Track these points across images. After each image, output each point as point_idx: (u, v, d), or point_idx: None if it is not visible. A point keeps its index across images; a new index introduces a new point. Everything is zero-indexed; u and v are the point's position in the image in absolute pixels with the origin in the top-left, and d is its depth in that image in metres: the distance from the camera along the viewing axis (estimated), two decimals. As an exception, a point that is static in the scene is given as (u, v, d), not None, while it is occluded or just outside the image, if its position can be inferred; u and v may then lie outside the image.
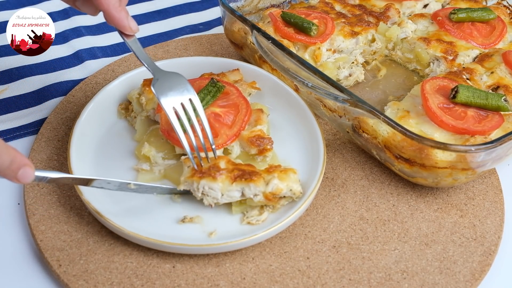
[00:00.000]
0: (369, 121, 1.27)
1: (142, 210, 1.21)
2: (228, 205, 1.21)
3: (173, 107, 1.17)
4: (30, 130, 1.42)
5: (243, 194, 1.18)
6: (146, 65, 1.24)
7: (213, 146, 1.19)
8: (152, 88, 1.19)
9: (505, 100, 1.31)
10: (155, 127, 1.32)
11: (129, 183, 1.15)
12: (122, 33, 1.24)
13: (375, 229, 1.23)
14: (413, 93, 1.37)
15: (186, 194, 1.21)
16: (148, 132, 1.32)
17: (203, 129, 1.19)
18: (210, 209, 1.21)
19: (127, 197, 1.22)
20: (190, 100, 1.19)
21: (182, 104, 1.18)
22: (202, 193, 1.17)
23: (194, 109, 1.19)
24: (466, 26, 1.54)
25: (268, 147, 1.25)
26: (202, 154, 1.20)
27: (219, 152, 1.23)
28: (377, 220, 1.25)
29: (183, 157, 1.22)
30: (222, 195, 1.17)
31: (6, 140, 1.39)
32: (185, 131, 1.17)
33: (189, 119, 1.18)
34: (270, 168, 1.20)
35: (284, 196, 1.19)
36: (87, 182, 1.12)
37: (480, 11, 1.56)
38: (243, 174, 1.17)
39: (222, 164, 1.18)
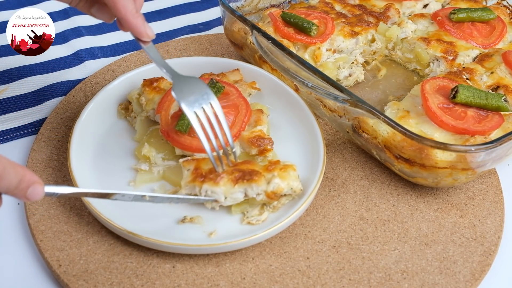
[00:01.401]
0: (369, 121, 1.27)
1: (142, 210, 1.21)
2: (228, 205, 1.21)
3: (194, 111, 1.16)
4: (30, 130, 1.42)
5: (246, 195, 1.18)
6: (164, 71, 1.22)
7: (234, 150, 1.20)
8: (172, 93, 1.17)
9: (505, 100, 1.31)
10: (155, 128, 1.32)
11: (144, 195, 1.12)
12: (138, 39, 1.23)
13: (375, 229, 1.23)
14: (413, 93, 1.37)
15: (199, 203, 1.21)
16: (148, 133, 1.32)
17: (223, 132, 1.19)
18: (210, 209, 1.21)
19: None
20: (211, 104, 1.18)
21: (203, 108, 1.17)
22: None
23: (215, 113, 1.18)
24: (466, 26, 1.54)
25: (269, 147, 1.25)
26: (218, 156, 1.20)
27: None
28: (377, 220, 1.25)
29: (181, 160, 1.22)
30: (226, 198, 1.17)
31: (6, 140, 1.40)
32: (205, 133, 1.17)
33: (210, 122, 1.18)
34: (269, 165, 1.20)
35: (285, 194, 1.20)
36: (101, 195, 1.08)
37: (480, 11, 1.56)
38: (244, 175, 1.17)
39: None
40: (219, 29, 1.75)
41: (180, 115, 1.25)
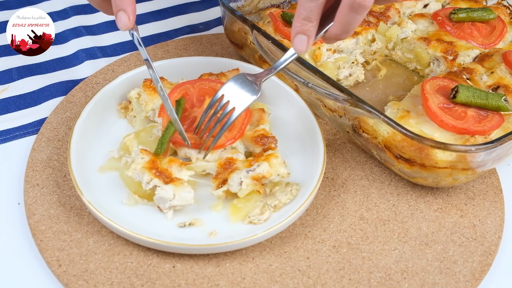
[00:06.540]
0: (369, 121, 1.27)
1: (142, 210, 1.21)
2: (228, 206, 1.21)
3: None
4: (30, 130, 1.42)
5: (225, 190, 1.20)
6: None
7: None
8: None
9: (505, 100, 1.31)
10: (152, 125, 1.32)
11: None
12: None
13: (375, 229, 1.23)
14: (413, 93, 1.37)
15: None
16: (145, 127, 1.32)
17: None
18: (210, 209, 1.21)
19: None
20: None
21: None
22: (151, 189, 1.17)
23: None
24: (466, 26, 1.54)
25: (273, 145, 1.25)
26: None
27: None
28: (377, 220, 1.25)
29: (140, 146, 1.22)
30: (174, 196, 1.16)
31: (6, 140, 1.40)
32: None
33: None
34: (252, 159, 1.22)
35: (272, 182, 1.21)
36: None
37: (480, 11, 1.56)
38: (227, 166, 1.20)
39: (176, 172, 1.18)
40: (219, 29, 1.75)
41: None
